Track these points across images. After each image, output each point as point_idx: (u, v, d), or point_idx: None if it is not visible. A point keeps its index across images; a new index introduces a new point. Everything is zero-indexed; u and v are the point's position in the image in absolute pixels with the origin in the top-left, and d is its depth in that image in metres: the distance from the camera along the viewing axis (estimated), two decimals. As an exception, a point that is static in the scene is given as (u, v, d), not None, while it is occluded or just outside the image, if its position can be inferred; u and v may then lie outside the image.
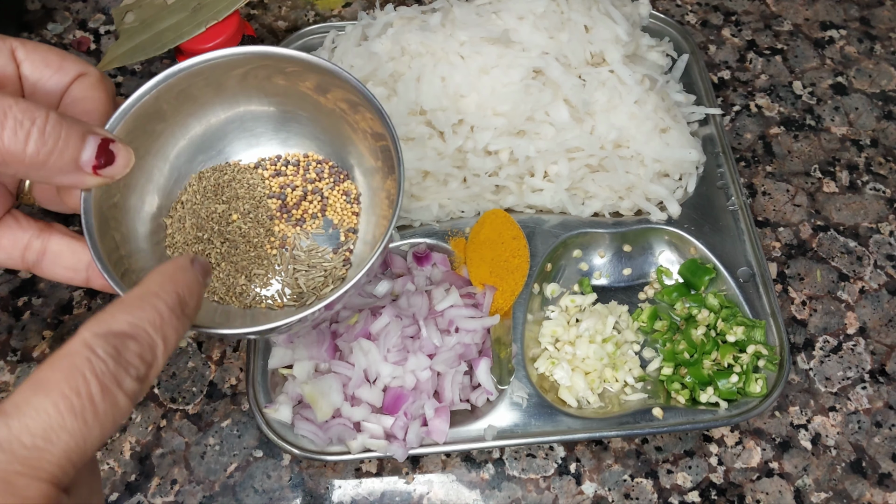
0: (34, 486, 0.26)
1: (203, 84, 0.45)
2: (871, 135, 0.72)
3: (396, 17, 0.65)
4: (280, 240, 0.48)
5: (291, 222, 0.49)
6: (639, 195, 0.62)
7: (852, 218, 0.68)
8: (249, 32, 0.66)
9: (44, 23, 0.77)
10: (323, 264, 0.47)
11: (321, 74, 0.44)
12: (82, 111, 0.39)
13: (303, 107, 0.47)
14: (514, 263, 0.58)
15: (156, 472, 0.56)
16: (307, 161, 0.49)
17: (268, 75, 0.46)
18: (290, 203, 0.49)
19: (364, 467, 0.56)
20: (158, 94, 0.42)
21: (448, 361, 0.53)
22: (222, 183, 0.48)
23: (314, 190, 0.49)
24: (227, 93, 0.46)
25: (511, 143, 0.59)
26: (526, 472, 0.56)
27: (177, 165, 0.47)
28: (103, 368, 0.28)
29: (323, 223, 0.49)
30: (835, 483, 0.56)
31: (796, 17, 0.80)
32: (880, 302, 0.64)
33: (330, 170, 0.49)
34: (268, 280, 0.47)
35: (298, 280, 0.47)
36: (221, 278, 0.47)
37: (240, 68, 0.45)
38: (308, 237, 0.48)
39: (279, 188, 0.49)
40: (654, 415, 0.54)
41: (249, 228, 0.48)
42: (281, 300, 0.47)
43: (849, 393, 0.60)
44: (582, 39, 0.61)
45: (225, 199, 0.48)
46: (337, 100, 0.45)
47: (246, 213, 0.48)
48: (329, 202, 0.49)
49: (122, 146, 0.36)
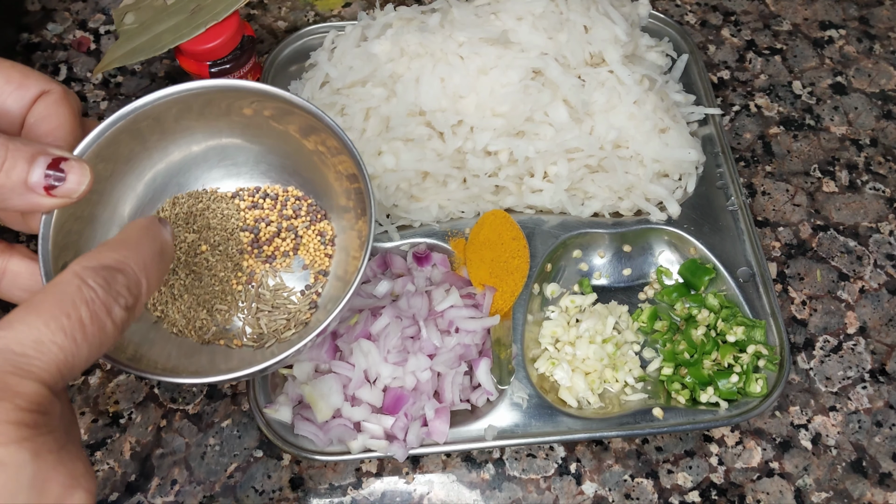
0: (26, 383, 0.27)
1: (185, 112, 0.44)
2: (870, 134, 0.72)
3: (396, 17, 0.65)
4: (247, 276, 0.47)
5: (261, 258, 0.47)
6: (638, 195, 0.62)
7: (852, 217, 0.68)
8: (249, 33, 0.66)
9: (43, 23, 0.77)
10: (287, 306, 0.46)
11: (305, 117, 0.43)
12: (46, 130, 0.39)
13: (286, 143, 0.46)
14: (513, 264, 0.58)
15: (156, 473, 0.56)
16: (286, 196, 0.48)
17: (254, 110, 0.45)
18: (263, 238, 0.47)
19: (364, 467, 0.56)
20: (136, 117, 0.42)
21: (448, 362, 0.53)
22: (196, 211, 0.47)
23: (289, 227, 0.47)
24: (210, 123, 0.45)
25: (510, 144, 0.59)
26: (526, 472, 0.56)
27: (153, 187, 0.46)
28: (93, 296, 0.30)
29: (294, 262, 0.47)
30: (835, 483, 0.56)
31: (795, 16, 0.80)
32: (880, 301, 0.64)
33: (308, 207, 0.48)
34: (230, 317, 0.46)
35: (260, 320, 0.46)
36: (182, 310, 0.45)
37: (227, 101, 0.44)
38: (276, 276, 0.47)
39: (253, 221, 0.47)
40: (654, 415, 0.54)
41: (217, 261, 0.46)
42: (240, 339, 0.45)
43: (849, 392, 0.60)
44: (581, 40, 0.61)
45: (196, 229, 0.46)
46: (318, 142, 0.45)
47: (216, 244, 0.46)
48: (303, 241, 0.48)
49: (76, 164, 0.35)
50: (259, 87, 0.43)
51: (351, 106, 0.61)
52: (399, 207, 0.61)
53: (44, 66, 0.75)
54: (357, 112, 0.61)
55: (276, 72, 0.69)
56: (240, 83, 0.42)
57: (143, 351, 0.42)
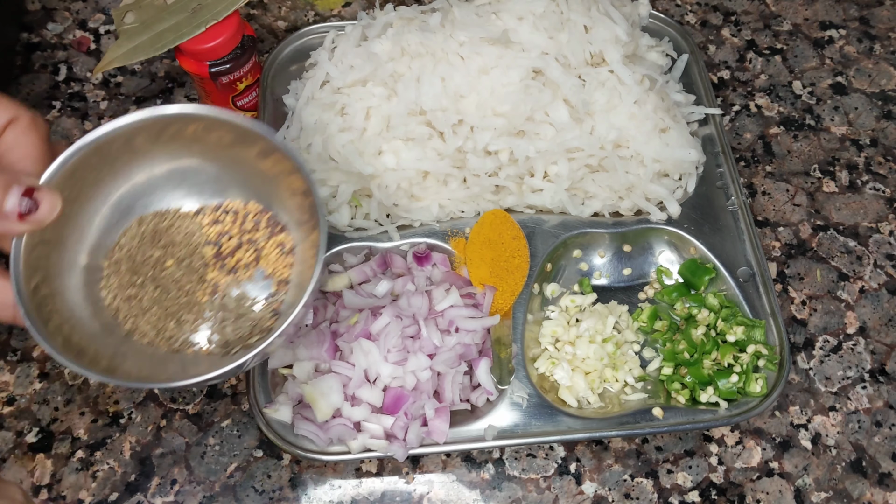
0: None
1: (148, 137, 0.46)
2: (870, 134, 0.72)
3: (396, 17, 0.65)
4: (212, 287, 0.49)
5: (224, 271, 0.49)
6: (639, 195, 0.62)
7: (852, 217, 0.68)
8: (249, 33, 0.66)
9: (44, 23, 0.77)
10: (250, 315, 0.48)
11: (262, 140, 0.46)
12: (16, 158, 0.40)
13: (244, 164, 0.49)
14: (514, 263, 0.58)
15: (156, 472, 0.56)
16: (246, 211, 0.50)
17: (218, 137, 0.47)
18: (225, 252, 0.50)
19: (364, 467, 0.56)
20: (101, 143, 0.44)
21: (448, 361, 0.53)
22: (161, 229, 0.49)
23: (250, 240, 0.50)
24: (172, 146, 0.48)
25: (511, 144, 0.59)
26: (526, 472, 0.56)
27: (119, 209, 0.48)
28: None
29: (256, 273, 0.50)
30: (835, 483, 0.56)
31: (796, 16, 0.80)
32: (880, 301, 0.64)
33: (267, 221, 0.50)
34: (196, 326, 0.48)
35: (226, 328, 0.48)
36: (152, 322, 0.47)
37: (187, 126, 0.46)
38: (239, 286, 0.49)
39: (216, 236, 0.50)
40: (654, 415, 0.54)
41: (183, 275, 0.49)
42: (208, 347, 0.48)
43: (849, 392, 0.60)
44: (581, 40, 0.61)
45: (162, 245, 0.49)
46: (274, 162, 0.47)
47: (181, 259, 0.49)
48: (263, 253, 0.50)
49: (48, 193, 0.39)
50: (217, 113, 0.45)
51: (351, 105, 0.61)
52: (399, 207, 0.61)
53: (44, 66, 0.75)
54: (357, 111, 0.61)
55: (276, 71, 0.69)
56: (200, 109, 0.45)
57: (117, 363, 0.44)
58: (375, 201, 0.60)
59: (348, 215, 0.62)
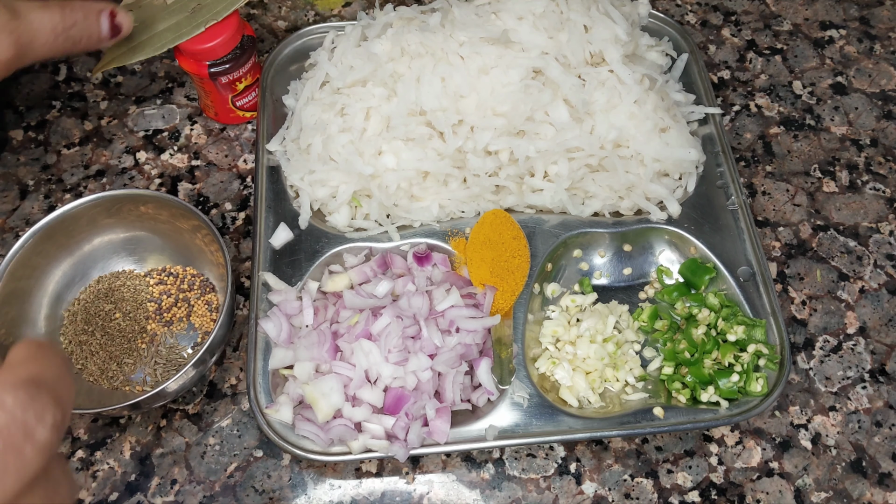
0: None
1: (105, 212, 0.59)
2: (870, 134, 0.72)
3: (396, 17, 0.65)
4: (150, 336, 0.60)
5: (162, 323, 0.60)
6: (639, 195, 0.62)
7: (852, 217, 0.68)
8: (249, 33, 0.66)
9: (43, 23, 0.77)
10: (179, 360, 0.59)
11: (196, 221, 0.57)
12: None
13: (182, 235, 0.61)
14: (514, 263, 0.58)
15: (156, 472, 0.56)
16: (185, 274, 0.62)
17: (166, 215, 0.59)
18: (164, 307, 0.61)
19: (364, 467, 0.56)
20: (66, 217, 0.57)
21: (449, 362, 0.53)
22: (114, 287, 0.61)
23: (184, 298, 0.61)
24: (125, 220, 0.60)
25: (511, 144, 0.59)
26: (526, 472, 0.56)
27: (81, 269, 0.61)
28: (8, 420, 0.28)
29: (187, 326, 0.60)
30: (835, 483, 0.56)
31: (796, 16, 0.80)
32: (880, 301, 0.64)
33: (200, 283, 0.62)
34: (134, 368, 0.58)
35: (157, 371, 0.58)
36: (98, 363, 0.58)
37: (137, 204, 0.59)
38: (173, 336, 0.60)
39: (158, 294, 0.61)
40: (654, 414, 0.54)
41: (127, 325, 0.60)
42: (142, 386, 0.58)
43: (849, 392, 0.60)
44: (581, 39, 0.61)
45: (113, 300, 0.60)
46: (202, 236, 0.59)
47: (127, 312, 0.60)
48: (194, 309, 0.61)
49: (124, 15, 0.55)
50: (159, 194, 0.58)
51: (351, 105, 0.61)
52: (399, 207, 0.61)
53: (44, 66, 0.75)
54: (357, 111, 0.61)
55: (275, 72, 0.69)
56: (145, 193, 0.60)
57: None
58: (375, 201, 0.60)
59: (348, 215, 0.62)
